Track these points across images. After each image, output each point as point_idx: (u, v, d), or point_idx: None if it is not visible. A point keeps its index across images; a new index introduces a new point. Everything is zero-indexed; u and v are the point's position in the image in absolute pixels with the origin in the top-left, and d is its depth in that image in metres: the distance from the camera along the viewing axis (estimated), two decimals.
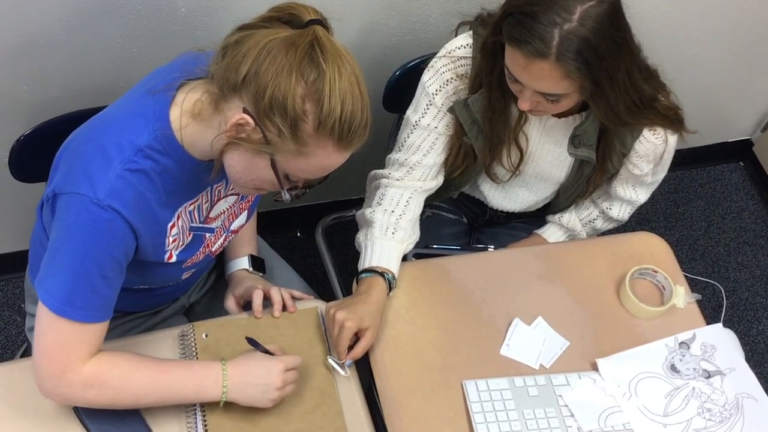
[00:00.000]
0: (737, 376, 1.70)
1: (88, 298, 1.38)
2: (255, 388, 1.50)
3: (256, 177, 1.38)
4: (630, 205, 1.99)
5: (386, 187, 1.83)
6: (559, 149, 1.84)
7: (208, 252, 1.63)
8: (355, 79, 1.29)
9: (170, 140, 1.38)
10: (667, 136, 1.77)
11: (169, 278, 1.63)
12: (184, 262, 1.58)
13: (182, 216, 1.50)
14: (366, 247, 1.75)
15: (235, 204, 1.63)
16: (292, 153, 1.31)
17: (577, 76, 1.52)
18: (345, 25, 2.08)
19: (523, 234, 2.11)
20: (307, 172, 1.36)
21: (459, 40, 1.75)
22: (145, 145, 1.36)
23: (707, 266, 2.91)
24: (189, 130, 1.38)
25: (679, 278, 1.84)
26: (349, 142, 1.32)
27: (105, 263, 1.37)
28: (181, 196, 1.48)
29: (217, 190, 1.57)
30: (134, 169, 1.36)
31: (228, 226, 1.65)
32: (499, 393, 1.63)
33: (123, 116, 1.42)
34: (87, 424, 1.50)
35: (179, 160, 1.41)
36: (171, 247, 1.51)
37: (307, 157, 1.31)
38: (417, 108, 1.81)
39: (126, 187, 1.35)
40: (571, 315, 1.76)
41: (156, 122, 1.38)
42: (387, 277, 1.70)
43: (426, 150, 1.82)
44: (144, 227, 1.40)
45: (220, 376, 1.49)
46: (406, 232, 1.78)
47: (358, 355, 1.62)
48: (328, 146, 1.31)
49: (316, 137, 1.29)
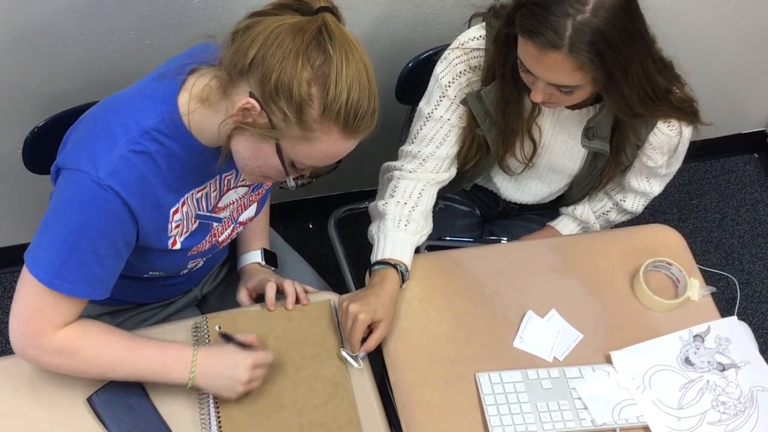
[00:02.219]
0: (752, 369, 1.69)
1: (79, 273, 1.39)
2: (221, 379, 1.50)
3: (262, 163, 1.37)
4: (644, 197, 1.98)
5: (399, 179, 1.82)
6: (572, 141, 1.84)
7: (215, 242, 1.63)
8: (363, 67, 1.29)
9: (177, 124, 1.39)
10: (681, 128, 1.76)
11: (174, 266, 1.63)
12: (189, 250, 1.58)
13: (188, 202, 1.50)
14: (379, 239, 1.75)
15: (245, 195, 1.63)
16: (297, 138, 1.30)
17: (590, 67, 1.52)
18: (357, 17, 2.08)
19: (536, 226, 2.10)
20: (313, 159, 1.35)
21: (472, 31, 1.75)
22: (151, 127, 1.37)
23: (721, 258, 2.89)
24: (197, 114, 1.38)
25: (694, 271, 1.83)
26: (355, 130, 1.31)
27: (99, 241, 1.38)
28: (188, 182, 1.48)
29: (226, 180, 1.56)
30: (139, 150, 1.36)
31: (236, 217, 1.65)
32: (512, 385, 1.63)
33: (131, 98, 1.42)
34: (101, 415, 1.51)
35: (186, 146, 1.41)
36: (174, 233, 1.51)
37: (312, 143, 1.31)
38: (430, 100, 1.80)
39: (128, 169, 1.35)
40: (584, 307, 1.76)
41: (164, 105, 1.38)
42: (400, 269, 1.70)
43: (439, 142, 1.81)
44: (144, 211, 1.40)
45: (189, 362, 1.49)
46: (419, 224, 1.78)
47: (371, 348, 1.62)
48: (334, 132, 1.30)
49: (321, 123, 1.28)
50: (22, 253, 2.18)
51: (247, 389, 1.52)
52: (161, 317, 1.82)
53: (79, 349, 1.46)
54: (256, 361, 1.51)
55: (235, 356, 1.51)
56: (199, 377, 1.49)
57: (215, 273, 1.91)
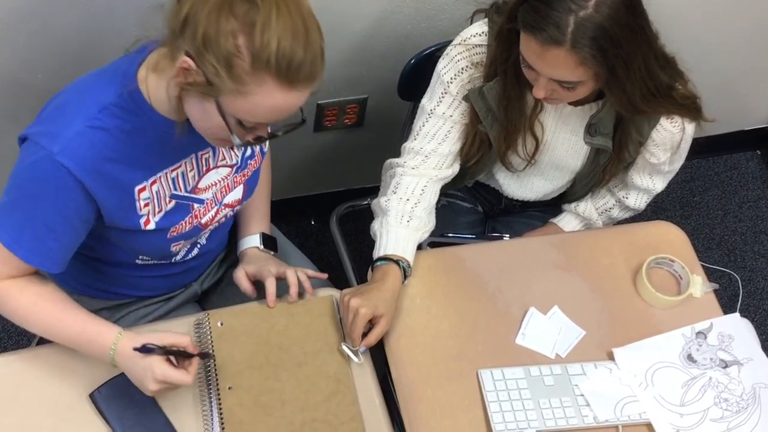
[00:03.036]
0: (754, 366, 1.69)
1: (34, 243, 1.43)
2: (131, 375, 1.49)
3: (212, 124, 1.35)
4: (647, 194, 1.98)
5: (401, 175, 1.82)
6: (575, 138, 1.83)
7: (197, 223, 1.61)
8: (299, 14, 1.25)
9: (137, 98, 1.39)
10: (684, 124, 1.76)
11: (156, 249, 1.61)
12: (167, 231, 1.56)
13: (161, 181, 1.50)
14: (381, 235, 1.75)
15: (229, 176, 1.62)
16: (233, 93, 1.27)
17: (592, 63, 1.51)
18: (359, 13, 2.07)
19: (538, 223, 2.10)
20: (254, 114, 1.31)
21: (474, 27, 1.74)
22: (110, 102, 1.38)
23: (723, 255, 2.89)
24: (152, 85, 1.39)
25: (696, 268, 1.82)
26: (292, 80, 1.27)
27: (52, 216, 1.40)
28: (158, 160, 1.48)
29: (203, 159, 1.55)
30: (96, 126, 1.37)
31: (221, 199, 1.63)
32: (514, 382, 1.63)
33: (96, 76, 1.44)
34: (103, 412, 1.51)
35: (150, 120, 1.41)
36: (145, 212, 1.50)
37: (247, 96, 1.27)
38: (432, 96, 1.80)
39: (83, 145, 1.36)
40: (587, 304, 1.76)
41: (123, 79, 1.39)
42: (402, 265, 1.70)
43: (441, 138, 1.81)
44: (102, 188, 1.41)
45: (108, 348, 1.48)
46: (422, 221, 1.78)
47: (372, 342, 1.62)
48: (268, 83, 1.26)
49: (253, 74, 1.25)
50: None
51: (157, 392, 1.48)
52: (161, 313, 1.82)
53: (11, 304, 1.50)
54: (165, 378, 1.45)
55: (148, 364, 1.45)
56: (118, 363, 1.49)
57: (215, 268, 1.90)
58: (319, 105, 2.33)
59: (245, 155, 1.64)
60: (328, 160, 2.59)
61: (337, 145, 2.54)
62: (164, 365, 1.45)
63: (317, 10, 1.31)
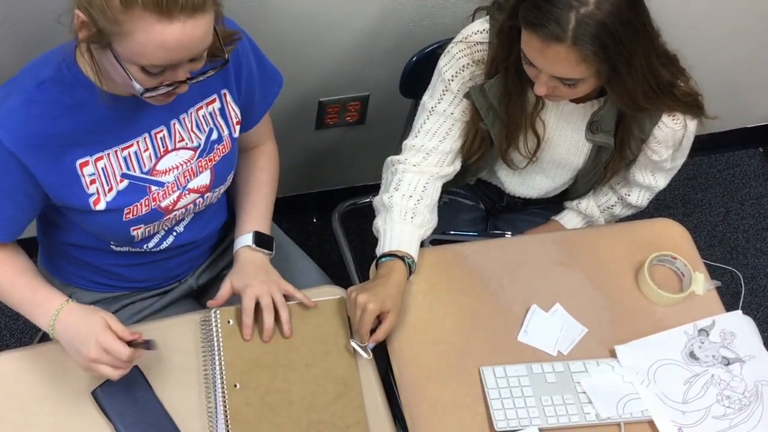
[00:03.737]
0: (757, 363, 1.69)
1: None
2: (70, 344, 1.48)
3: (120, 76, 1.33)
4: (649, 191, 1.97)
5: (403, 172, 1.82)
6: (576, 135, 1.83)
7: (156, 206, 1.58)
8: None
9: (74, 71, 1.40)
10: (686, 121, 1.76)
11: (115, 232, 1.60)
12: (122, 212, 1.54)
13: (109, 158, 1.49)
14: (385, 231, 1.75)
15: (192, 160, 1.60)
16: (117, 36, 1.26)
17: (594, 60, 1.51)
18: (361, 11, 2.07)
19: (540, 220, 2.10)
20: (146, 54, 1.28)
21: (475, 25, 1.74)
22: (47, 77, 1.39)
23: (726, 253, 2.89)
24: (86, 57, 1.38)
25: (699, 265, 1.82)
26: (169, 11, 1.24)
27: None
28: (105, 136, 1.48)
29: (158, 138, 1.54)
30: (33, 99, 1.39)
31: (184, 184, 1.61)
32: (516, 379, 1.63)
33: (43, 55, 1.46)
34: (106, 409, 1.51)
35: (92, 95, 1.41)
36: (92, 190, 1.49)
37: (130, 36, 1.26)
38: (433, 94, 1.80)
39: (18, 119, 1.38)
40: (589, 301, 1.76)
41: (61, 54, 1.40)
42: (407, 261, 1.70)
43: (442, 136, 1.81)
44: (40, 162, 1.42)
45: (50, 315, 1.49)
46: (425, 217, 1.78)
47: (381, 338, 1.62)
48: (145, 18, 1.24)
49: (126, 12, 1.24)
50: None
51: (93, 368, 1.46)
52: (157, 308, 1.82)
53: None
54: (108, 346, 1.44)
55: (93, 330, 1.45)
56: (56, 332, 1.49)
57: (212, 263, 1.90)
58: (320, 102, 2.33)
59: (210, 138, 1.61)
60: (329, 158, 2.59)
61: (339, 143, 2.54)
62: (109, 333, 1.45)
63: (319, 9, 1.31)
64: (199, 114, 1.59)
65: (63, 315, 1.48)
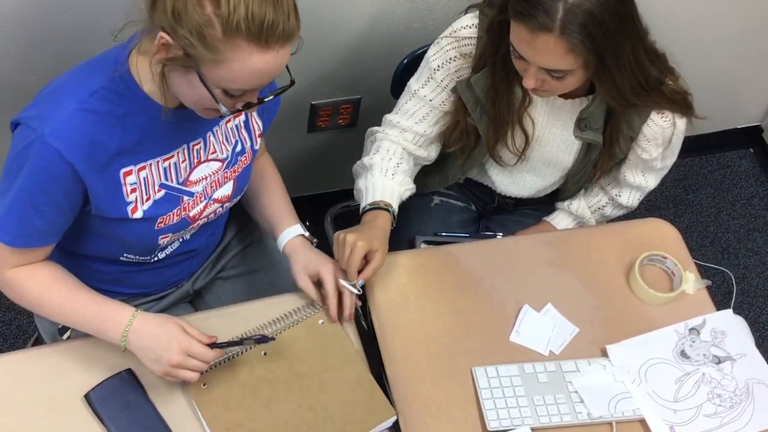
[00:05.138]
0: (748, 361, 1.70)
1: (18, 226, 1.45)
2: (149, 352, 1.48)
3: (198, 96, 1.36)
4: (639, 192, 1.98)
5: (382, 140, 1.87)
6: (566, 133, 1.84)
7: (185, 216, 1.60)
8: None
9: (127, 82, 1.41)
10: (675, 119, 1.77)
11: (144, 240, 1.60)
12: (155, 221, 1.56)
13: (151, 168, 1.50)
14: (367, 188, 1.79)
15: (219, 171, 1.62)
16: (211, 63, 1.28)
17: (581, 50, 1.53)
18: (352, 13, 2.08)
19: (531, 221, 2.11)
20: (237, 81, 1.32)
21: (465, 20, 1.76)
22: (100, 86, 1.40)
23: (717, 253, 2.90)
24: (140, 67, 1.40)
25: (689, 264, 1.83)
26: (267, 41, 1.27)
27: (39, 196, 1.41)
28: (150, 146, 1.48)
29: (195, 150, 1.56)
30: (87, 109, 1.38)
31: (210, 194, 1.63)
32: (508, 379, 1.63)
33: (90, 63, 1.46)
34: (99, 412, 1.51)
35: (142, 105, 1.42)
36: (132, 198, 1.50)
37: (225, 64, 1.28)
38: (419, 78, 1.84)
39: (73, 127, 1.37)
40: (580, 301, 1.76)
41: (114, 64, 1.41)
42: (390, 210, 1.74)
43: (419, 119, 1.85)
44: (92, 171, 1.42)
45: (123, 327, 1.49)
46: (405, 179, 1.83)
47: (369, 276, 1.65)
48: (243, 49, 1.27)
49: (226, 41, 1.26)
50: None
51: (174, 375, 1.48)
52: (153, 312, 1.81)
53: (22, 291, 1.52)
54: (193, 350, 1.47)
55: (174, 336, 1.47)
56: (131, 343, 1.49)
57: (209, 267, 1.90)
58: (312, 105, 2.33)
59: (235, 150, 1.64)
60: (322, 161, 2.59)
61: (331, 146, 2.54)
62: (189, 336, 1.47)
63: (310, 11, 1.32)
64: (228, 127, 1.61)
65: (137, 325, 1.49)
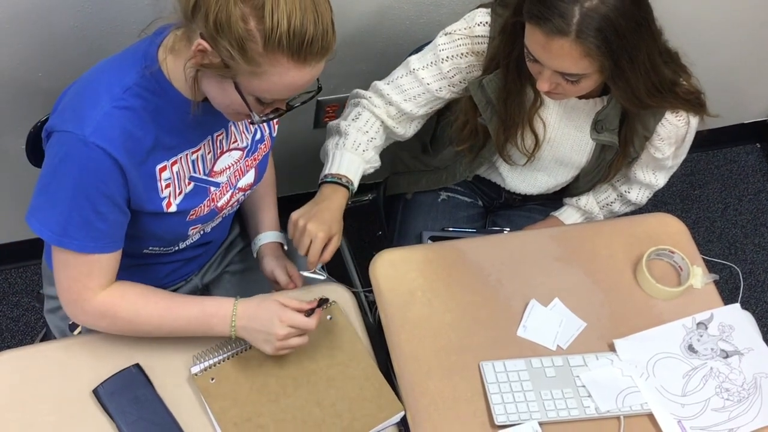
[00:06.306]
0: (755, 355, 1.70)
1: (84, 230, 1.43)
2: (258, 333, 1.52)
3: (230, 102, 1.38)
4: (648, 189, 1.98)
5: (363, 108, 1.86)
6: (580, 134, 1.83)
7: (214, 206, 1.62)
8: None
9: (158, 78, 1.41)
10: (689, 118, 1.76)
11: (175, 232, 1.62)
12: (188, 213, 1.57)
13: (181, 162, 1.51)
14: (335, 156, 1.80)
15: (241, 160, 1.63)
16: (249, 74, 1.30)
17: (597, 54, 1.52)
18: (358, 10, 2.08)
19: (539, 216, 2.11)
20: (272, 92, 1.34)
21: (479, 16, 1.75)
22: (133, 83, 1.40)
23: (724, 248, 2.89)
24: (170, 65, 1.41)
25: (696, 259, 1.83)
26: (305, 57, 1.29)
27: (96, 198, 1.41)
28: (181, 141, 1.50)
29: (218, 141, 1.57)
30: (122, 106, 1.39)
31: (235, 183, 1.64)
32: (516, 374, 1.63)
33: (116, 59, 1.46)
34: (107, 407, 1.52)
35: (172, 101, 1.43)
36: (166, 193, 1.51)
37: (263, 76, 1.30)
38: (422, 59, 1.83)
39: (112, 124, 1.38)
40: (587, 296, 1.76)
41: (144, 61, 1.41)
42: (350, 188, 1.77)
43: (409, 97, 1.84)
44: (132, 165, 1.42)
45: (229, 316, 1.52)
46: (373, 156, 1.84)
47: (328, 258, 1.69)
48: (283, 63, 1.29)
49: (266, 55, 1.28)
50: (24, 249, 2.17)
51: (285, 346, 1.52)
52: None
53: (117, 312, 1.51)
54: (293, 321, 1.51)
55: (273, 312, 1.51)
56: (240, 330, 1.53)
57: (217, 261, 1.91)
58: (319, 102, 2.33)
59: (255, 138, 1.65)
60: None
61: None
62: (288, 310, 1.51)
63: None
64: None
65: (240, 312, 1.52)
